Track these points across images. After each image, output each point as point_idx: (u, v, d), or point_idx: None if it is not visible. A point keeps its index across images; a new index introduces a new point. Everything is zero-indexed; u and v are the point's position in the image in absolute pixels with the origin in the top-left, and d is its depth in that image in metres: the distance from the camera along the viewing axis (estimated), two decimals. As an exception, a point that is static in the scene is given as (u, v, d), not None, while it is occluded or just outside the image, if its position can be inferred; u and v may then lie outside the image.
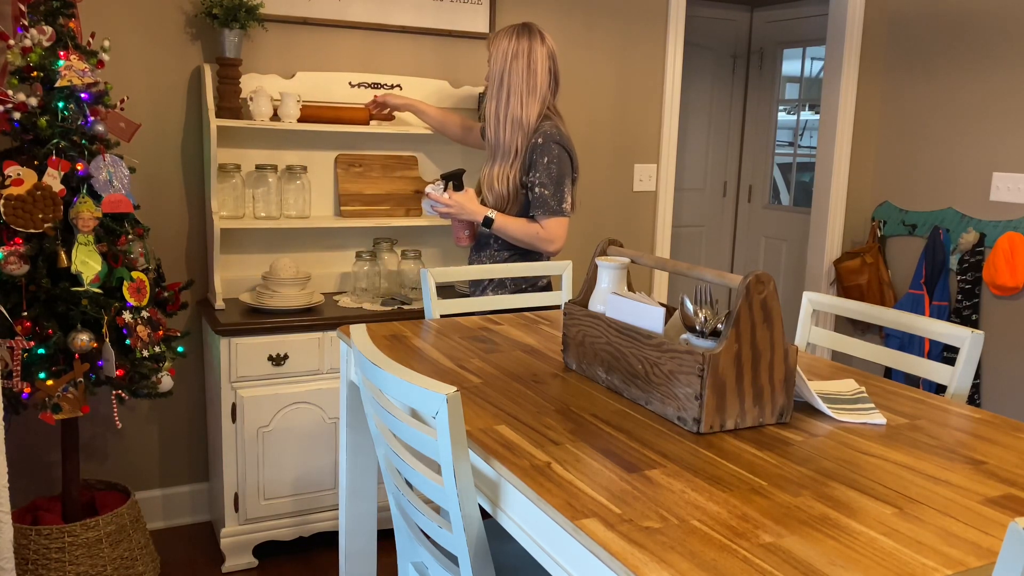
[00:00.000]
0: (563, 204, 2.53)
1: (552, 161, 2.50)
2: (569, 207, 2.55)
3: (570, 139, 2.58)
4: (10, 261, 2.20)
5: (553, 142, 2.51)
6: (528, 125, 2.54)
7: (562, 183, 2.52)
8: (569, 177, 2.56)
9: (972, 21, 3.58)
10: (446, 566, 1.47)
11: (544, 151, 2.50)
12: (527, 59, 2.56)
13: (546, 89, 2.58)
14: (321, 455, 2.84)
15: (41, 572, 2.37)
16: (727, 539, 1.09)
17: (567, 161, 2.54)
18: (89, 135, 2.35)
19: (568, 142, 2.56)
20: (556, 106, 2.64)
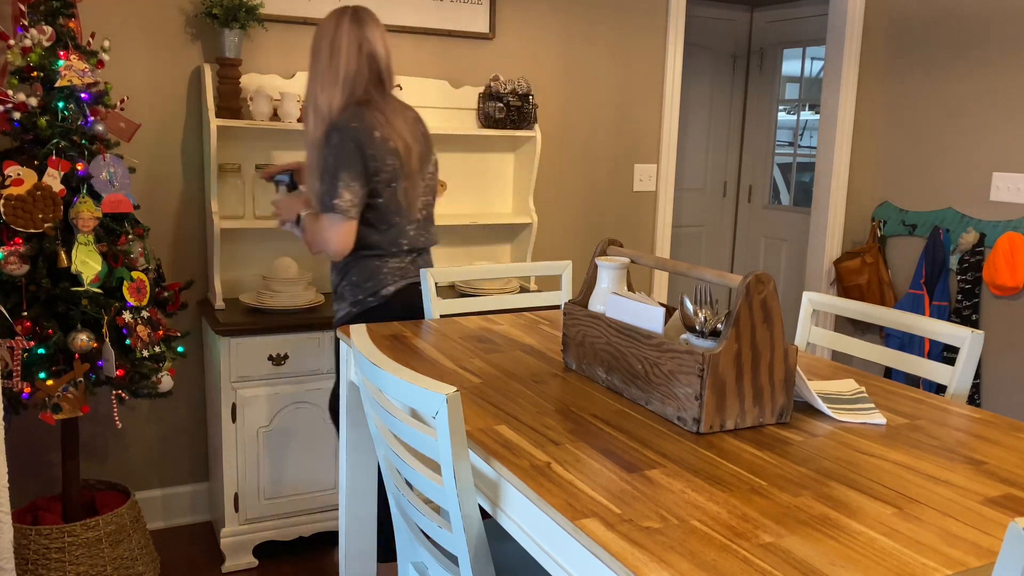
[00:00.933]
0: (335, 199, 2.19)
1: (331, 152, 2.21)
2: (345, 204, 2.20)
3: (371, 127, 2.23)
4: (10, 261, 2.21)
5: (336, 131, 2.21)
6: (329, 114, 2.28)
7: (337, 175, 2.19)
8: (351, 171, 2.20)
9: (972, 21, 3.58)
10: (446, 566, 1.47)
11: (327, 140, 2.23)
12: (331, 43, 2.29)
13: (353, 75, 2.28)
14: (321, 455, 2.84)
15: (41, 572, 2.37)
16: (727, 539, 1.09)
17: (350, 151, 2.20)
18: (89, 135, 2.36)
19: (359, 130, 2.22)
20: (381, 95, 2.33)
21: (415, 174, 2.35)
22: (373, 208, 2.29)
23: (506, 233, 3.49)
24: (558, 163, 3.59)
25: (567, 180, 3.63)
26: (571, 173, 3.63)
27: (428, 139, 2.45)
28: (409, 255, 2.40)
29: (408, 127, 2.35)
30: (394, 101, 2.37)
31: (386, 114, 2.29)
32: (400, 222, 2.34)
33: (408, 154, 2.31)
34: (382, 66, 2.34)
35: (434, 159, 2.48)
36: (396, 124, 2.30)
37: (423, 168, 2.40)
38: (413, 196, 2.36)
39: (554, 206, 3.61)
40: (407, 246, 2.38)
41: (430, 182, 2.45)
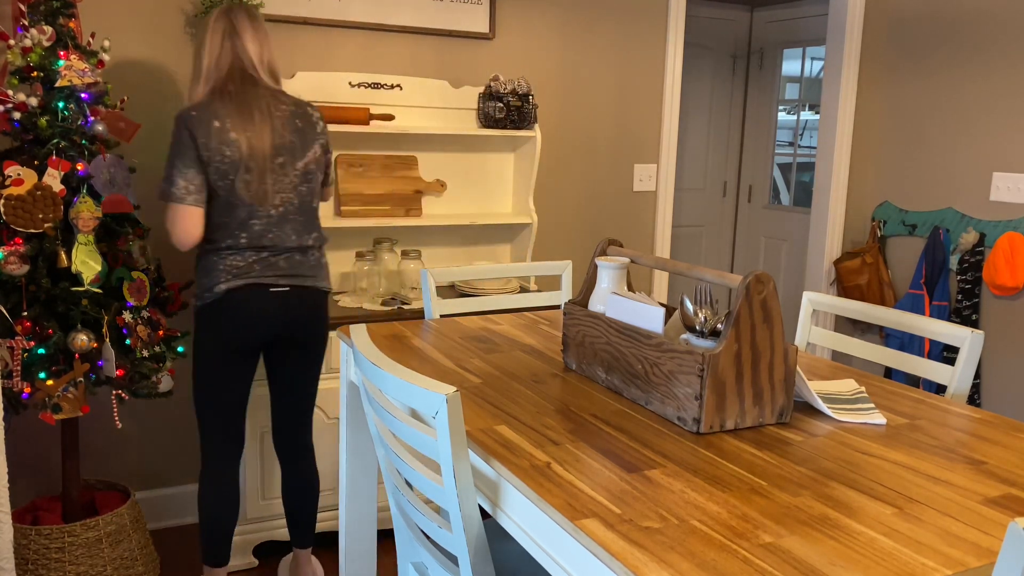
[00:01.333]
0: (171, 187, 2.18)
1: (171, 141, 2.22)
2: (180, 191, 2.18)
3: (210, 116, 2.19)
4: (10, 261, 2.20)
5: (176, 120, 2.21)
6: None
7: (172, 165, 2.19)
8: (184, 158, 2.18)
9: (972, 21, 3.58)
10: (446, 566, 1.47)
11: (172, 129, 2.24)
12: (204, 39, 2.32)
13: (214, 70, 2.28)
14: (321, 455, 2.84)
15: (41, 572, 2.37)
16: (727, 539, 1.09)
17: (183, 140, 2.18)
18: (89, 135, 2.35)
19: (195, 118, 2.19)
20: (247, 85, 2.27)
21: (263, 167, 2.24)
22: (213, 199, 2.24)
23: (506, 233, 3.49)
24: (558, 163, 3.59)
25: (567, 180, 3.63)
26: (571, 173, 3.63)
27: (305, 135, 2.32)
28: (254, 253, 2.27)
29: (268, 120, 2.25)
30: (264, 94, 2.29)
31: (239, 104, 2.23)
32: (241, 216, 2.24)
33: (253, 145, 2.22)
34: (246, 61, 2.28)
35: (315, 156, 2.34)
36: (247, 115, 2.23)
37: (286, 163, 2.27)
38: (259, 190, 2.24)
39: (554, 206, 3.61)
40: (247, 242, 2.25)
41: (301, 179, 2.31)
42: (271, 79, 2.34)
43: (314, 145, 2.35)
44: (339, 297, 3.04)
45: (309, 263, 2.35)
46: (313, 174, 2.35)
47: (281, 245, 2.30)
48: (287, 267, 2.30)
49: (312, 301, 2.36)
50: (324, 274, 2.40)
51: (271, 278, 2.28)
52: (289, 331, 2.34)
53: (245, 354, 2.32)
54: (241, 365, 2.33)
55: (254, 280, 2.26)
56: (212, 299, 2.25)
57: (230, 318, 2.26)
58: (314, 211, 2.38)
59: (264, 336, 2.31)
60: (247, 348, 2.31)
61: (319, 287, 2.37)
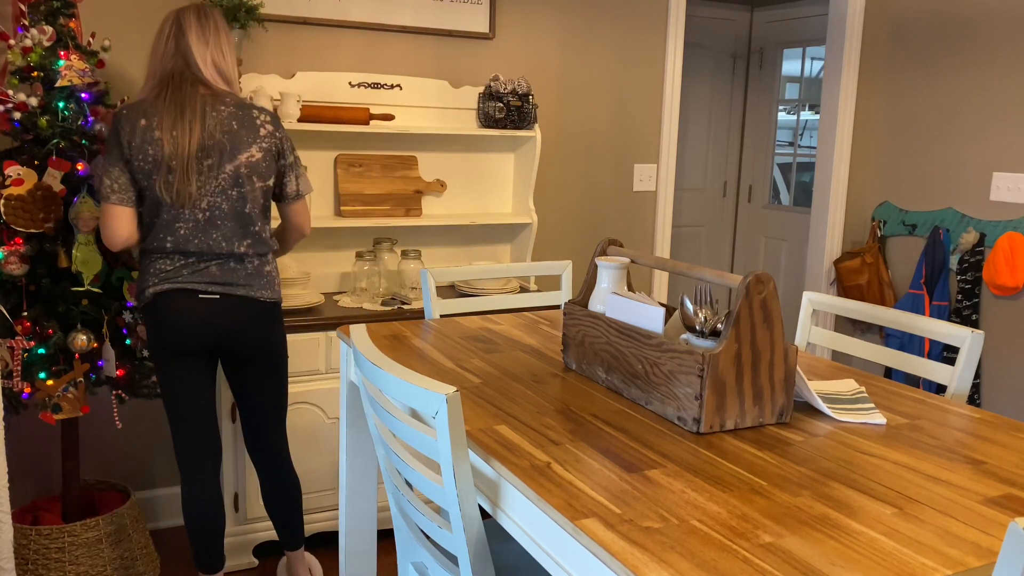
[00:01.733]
0: (100, 187, 2.16)
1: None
2: (106, 190, 2.14)
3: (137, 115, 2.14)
4: (10, 261, 2.21)
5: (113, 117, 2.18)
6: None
7: (103, 164, 2.17)
8: (110, 156, 2.16)
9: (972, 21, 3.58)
10: (446, 566, 1.47)
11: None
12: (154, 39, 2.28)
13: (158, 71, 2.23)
14: (321, 455, 2.84)
15: (41, 572, 2.37)
16: (727, 539, 1.09)
17: (111, 137, 2.16)
18: (89, 135, 2.36)
19: (123, 116, 2.15)
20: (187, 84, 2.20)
21: (186, 168, 2.14)
22: (140, 200, 2.20)
23: (506, 233, 3.49)
24: (558, 163, 3.59)
25: (567, 180, 3.63)
26: (571, 173, 3.63)
27: (238, 136, 2.20)
28: (181, 257, 2.19)
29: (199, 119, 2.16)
30: (204, 94, 2.20)
31: (172, 104, 2.16)
32: (165, 218, 2.17)
33: (178, 144, 2.13)
34: (194, 60, 2.20)
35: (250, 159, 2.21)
36: (178, 114, 2.15)
37: (215, 166, 2.17)
38: (182, 191, 2.15)
39: (554, 206, 3.61)
40: (172, 246, 2.17)
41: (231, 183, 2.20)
42: (219, 80, 2.24)
43: (250, 148, 2.21)
44: (339, 297, 3.04)
45: (245, 271, 2.24)
46: (246, 178, 2.21)
47: (209, 251, 2.20)
48: (219, 274, 2.21)
49: (246, 311, 2.24)
50: (263, 283, 2.26)
51: (200, 284, 2.19)
52: (226, 341, 2.26)
53: (186, 357, 2.24)
54: (186, 368, 2.25)
55: (181, 285, 2.18)
56: (144, 302, 2.21)
57: (160, 321, 2.20)
58: (249, 217, 2.23)
59: (199, 342, 2.22)
60: (185, 352, 2.23)
61: (254, 296, 2.24)
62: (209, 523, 2.34)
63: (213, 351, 2.28)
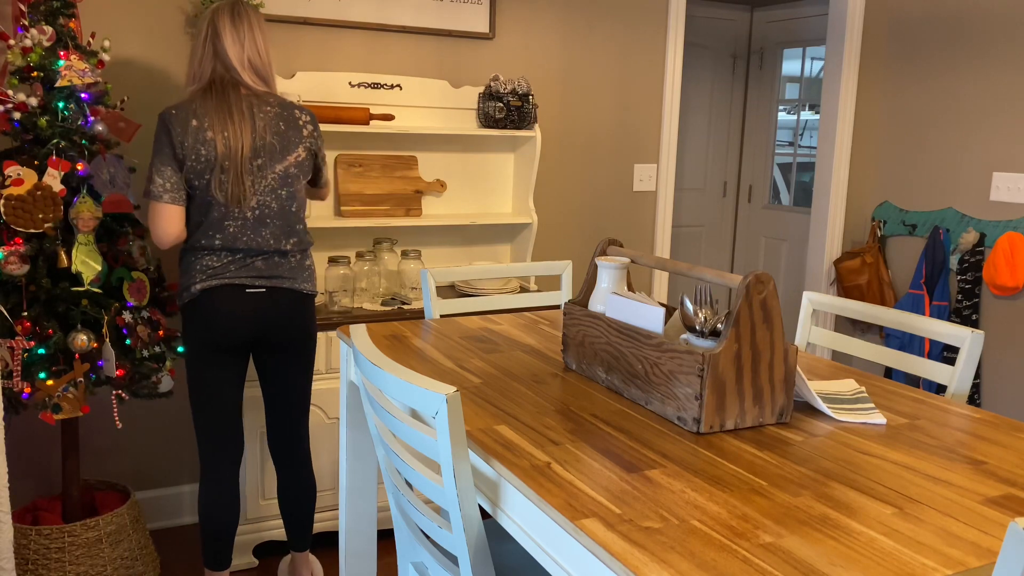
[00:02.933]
0: (150, 185, 2.20)
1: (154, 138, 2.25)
2: (158, 189, 2.18)
3: (188, 114, 2.20)
4: (10, 261, 2.21)
5: (160, 117, 2.23)
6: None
7: (153, 160, 2.21)
8: (161, 155, 2.20)
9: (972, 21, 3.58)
10: (446, 566, 1.47)
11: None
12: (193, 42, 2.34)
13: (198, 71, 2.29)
14: (321, 455, 2.84)
15: (41, 572, 2.37)
16: (727, 539, 1.09)
17: (161, 137, 2.20)
18: (89, 135, 2.36)
19: (174, 116, 2.20)
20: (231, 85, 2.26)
21: (239, 168, 2.21)
22: (190, 198, 2.25)
23: (506, 233, 3.49)
24: (558, 163, 3.59)
25: (567, 180, 3.63)
26: (571, 173, 3.63)
27: (287, 137, 2.28)
28: (228, 254, 2.26)
29: (248, 121, 2.23)
30: (246, 95, 2.26)
31: (219, 104, 2.22)
32: (215, 216, 2.23)
33: (231, 146, 2.20)
34: (230, 61, 2.25)
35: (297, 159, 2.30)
36: (227, 115, 2.21)
37: (265, 166, 2.25)
38: (235, 191, 2.22)
39: (554, 206, 3.61)
40: (221, 243, 2.24)
41: (280, 182, 2.28)
42: (256, 80, 2.30)
43: (297, 148, 2.30)
44: (339, 297, 3.04)
45: (288, 265, 2.32)
46: (294, 178, 2.31)
47: (257, 248, 2.27)
48: (264, 268, 2.29)
49: (290, 303, 2.33)
50: (305, 276, 2.36)
51: (247, 279, 2.26)
52: (269, 333, 2.32)
53: (227, 354, 2.30)
54: (225, 365, 2.31)
55: (228, 280, 2.25)
56: (189, 299, 2.26)
57: (207, 318, 2.25)
58: (295, 215, 2.33)
59: (243, 336, 2.29)
60: (227, 347, 2.29)
61: (297, 288, 2.33)
62: (224, 522, 2.39)
63: (252, 345, 2.35)
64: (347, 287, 2.91)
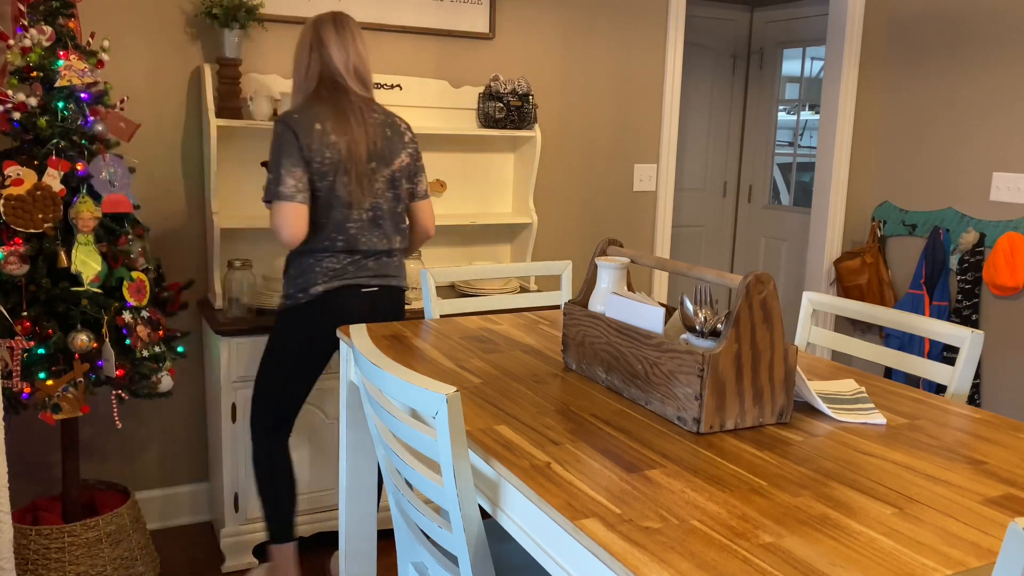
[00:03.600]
0: (280, 187, 2.26)
1: (273, 142, 2.31)
2: (290, 190, 2.26)
3: (312, 119, 2.30)
4: (10, 261, 2.20)
5: (278, 121, 2.30)
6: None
7: (279, 164, 2.28)
8: (290, 158, 2.27)
9: (972, 21, 3.58)
10: (446, 566, 1.47)
11: (273, 132, 2.33)
12: (296, 49, 2.43)
13: (305, 79, 2.39)
14: (321, 455, 2.84)
15: (41, 572, 2.37)
16: (727, 539, 1.09)
17: (288, 140, 2.28)
18: (89, 135, 2.35)
19: (298, 120, 2.29)
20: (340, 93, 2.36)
21: (360, 171, 2.33)
22: (312, 199, 2.32)
23: (506, 233, 3.49)
24: (558, 163, 3.59)
25: (567, 180, 3.63)
26: (571, 173, 3.63)
27: (396, 144, 2.41)
28: (348, 256, 2.36)
29: (362, 125, 2.34)
30: (356, 100, 2.37)
31: (336, 109, 2.33)
32: (337, 218, 2.33)
33: (351, 149, 2.31)
34: (337, 68, 2.37)
35: (401, 164, 2.43)
36: (344, 120, 2.32)
37: (378, 168, 2.37)
38: (357, 193, 2.33)
39: (554, 206, 3.61)
40: (343, 245, 2.34)
41: (388, 185, 2.40)
42: (360, 86, 2.41)
43: (401, 154, 2.44)
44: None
45: (393, 264, 2.47)
46: (399, 181, 2.44)
47: (372, 248, 2.39)
48: (376, 268, 2.42)
49: (395, 299, 2.48)
50: (404, 273, 2.53)
51: (363, 278, 2.39)
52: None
53: (327, 354, 2.44)
54: (319, 364, 2.45)
55: (349, 281, 2.37)
56: (307, 299, 2.35)
57: (324, 317, 2.35)
58: (401, 216, 2.47)
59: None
60: (333, 347, 2.42)
61: (400, 286, 2.50)
62: (290, 490, 2.50)
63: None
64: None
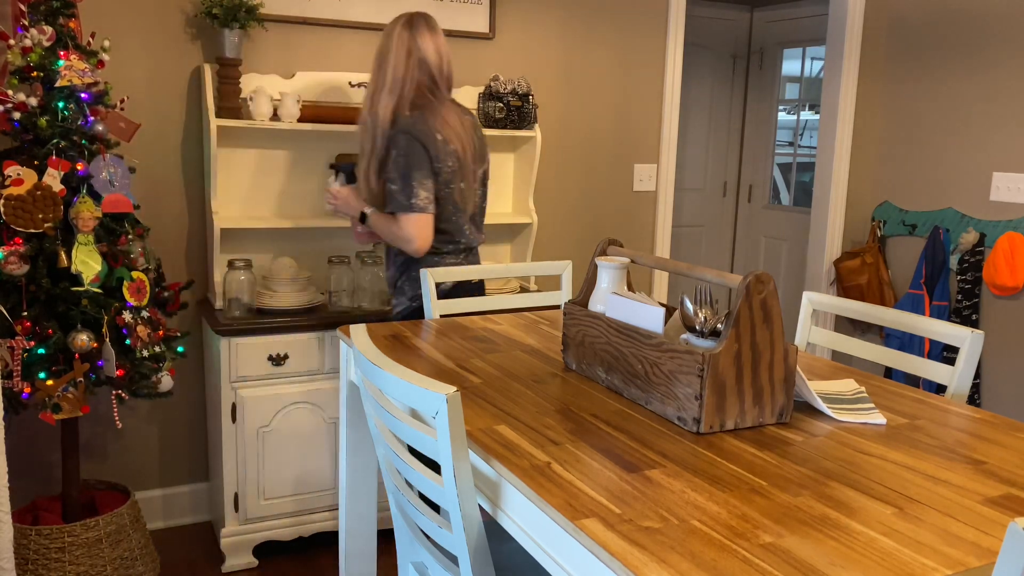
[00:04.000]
0: (412, 199, 2.34)
1: (400, 154, 2.35)
2: (423, 202, 2.35)
3: (433, 130, 2.38)
4: (10, 261, 2.20)
5: (402, 133, 2.35)
6: (376, 119, 2.41)
7: (410, 177, 2.34)
8: (422, 170, 2.35)
9: (972, 21, 3.58)
10: (446, 566, 1.47)
11: (394, 143, 2.37)
12: (382, 51, 2.45)
13: (402, 79, 2.40)
14: (321, 455, 2.84)
15: (41, 572, 2.37)
16: (727, 539, 1.09)
17: (418, 152, 2.34)
18: (89, 135, 2.35)
19: (424, 133, 2.36)
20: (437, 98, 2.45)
21: (470, 175, 2.49)
22: (436, 206, 2.43)
23: (506, 233, 3.49)
24: (558, 163, 3.59)
25: (567, 180, 3.63)
26: (571, 173, 3.63)
27: (484, 142, 2.59)
28: (463, 252, 2.55)
29: (464, 130, 2.48)
30: (452, 105, 2.50)
31: (445, 117, 2.43)
32: (458, 220, 2.50)
33: (464, 156, 2.46)
34: (433, 71, 2.44)
35: (488, 164, 2.63)
36: (455, 127, 2.44)
37: (477, 170, 2.55)
38: (469, 196, 2.51)
39: (554, 206, 3.61)
40: (463, 244, 2.53)
41: (481, 184, 2.59)
42: (448, 89, 2.50)
43: (487, 153, 2.62)
44: (339, 297, 3.04)
45: (479, 257, 2.66)
46: (486, 179, 2.62)
47: (476, 245, 2.59)
48: (474, 261, 2.62)
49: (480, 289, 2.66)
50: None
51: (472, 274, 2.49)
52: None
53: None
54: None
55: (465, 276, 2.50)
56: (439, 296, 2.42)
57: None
58: (485, 211, 2.66)
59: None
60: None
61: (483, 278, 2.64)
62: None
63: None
64: (347, 287, 2.91)
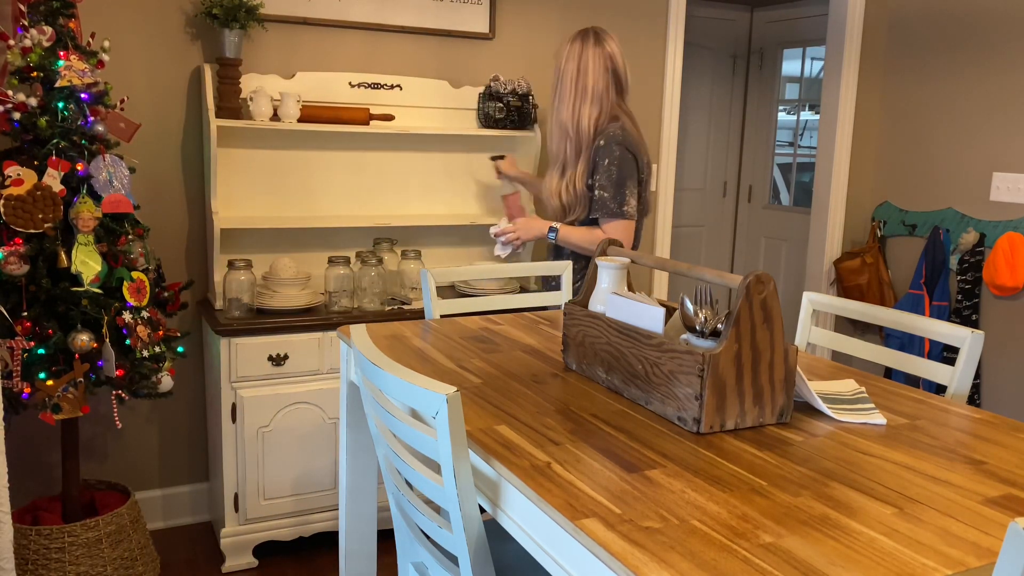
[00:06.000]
0: (623, 207, 2.51)
1: (612, 163, 2.49)
2: (632, 209, 2.52)
3: (638, 140, 2.57)
4: (10, 261, 2.20)
5: (615, 143, 2.50)
6: (580, 130, 2.55)
7: (623, 185, 2.50)
8: (633, 179, 2.53)
9: (972, 21, 3.58)
10: (446, 566, 1.47)
11: (605, 153, 2.50)
12: (578, 65, 2.55)
13: (602, 91, 2.55)
14: (321, 455, 2.84)
15: (41, 572, 2.37)
16: (727, 539, 1.09)
17: (630, 163, 2.52)
18: (89, 135, 2.35)
19: (633, 143, 2.54)
20: (624, 106, 2.62)
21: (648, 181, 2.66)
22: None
23: (506, 233, 3.49)
24: (558, 163, 3.58)
25: (567, 180, 3.62)
26: (571, 173, 3.62)
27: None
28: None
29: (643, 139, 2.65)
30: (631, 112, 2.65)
31: (636, 126, 2.61)
32: (643, 222, 2.68)
33: (649, 163, 2.63)
34: (622, 81, 2.60)
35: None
36: (641, 136, 2.62)
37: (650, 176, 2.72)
38: (650, 201, 2.72)
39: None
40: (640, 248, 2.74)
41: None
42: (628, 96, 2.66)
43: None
44: (339, 297, 3.04)
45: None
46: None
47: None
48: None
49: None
50: None
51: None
52: None
53: None
54: None
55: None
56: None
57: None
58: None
59: None
60: None
61: None
62: None
63: None
64: (347, 287, 2.91)
